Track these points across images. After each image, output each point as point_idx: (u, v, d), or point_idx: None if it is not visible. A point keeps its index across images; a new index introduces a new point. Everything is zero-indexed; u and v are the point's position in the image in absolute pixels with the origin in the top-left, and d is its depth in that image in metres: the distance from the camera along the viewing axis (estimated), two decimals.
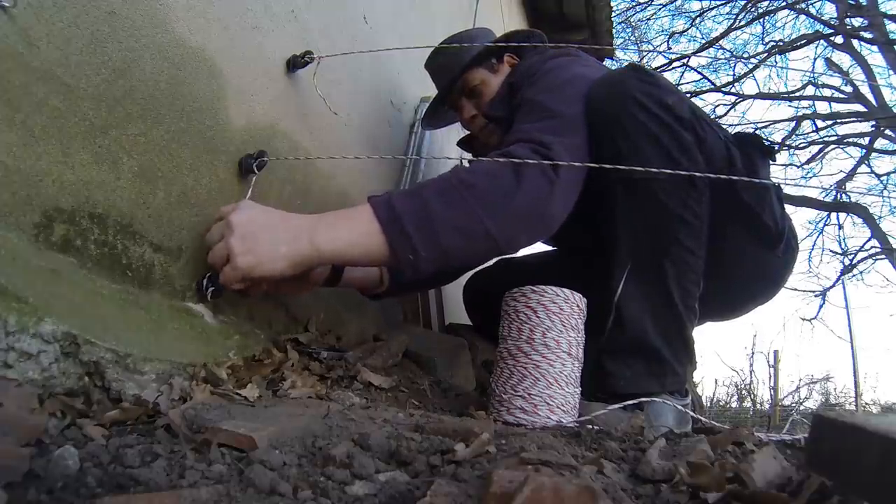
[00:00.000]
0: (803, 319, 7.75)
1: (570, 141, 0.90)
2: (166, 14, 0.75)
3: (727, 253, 1.01)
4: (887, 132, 6.82)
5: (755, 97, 7.79)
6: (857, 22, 6.92)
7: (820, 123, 7.47)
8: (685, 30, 7.99)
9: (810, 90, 7.51)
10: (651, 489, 0.48)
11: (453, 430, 0.59)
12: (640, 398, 0.89)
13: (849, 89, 7.24)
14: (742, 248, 1.04)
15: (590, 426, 0.80)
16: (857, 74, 7.15)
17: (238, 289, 0.80)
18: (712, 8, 7.65)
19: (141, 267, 0.74)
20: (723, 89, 7.75)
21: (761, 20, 7.41)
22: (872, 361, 13.95)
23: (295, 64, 1.02)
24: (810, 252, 7.55)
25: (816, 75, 7.34)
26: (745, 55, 7.56)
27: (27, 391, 0.49)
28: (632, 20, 8.11)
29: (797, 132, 7.51)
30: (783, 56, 7.31)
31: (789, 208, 1.24)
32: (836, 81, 7.37)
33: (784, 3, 7.17)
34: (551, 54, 1.12)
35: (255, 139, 0.94)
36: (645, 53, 8.11)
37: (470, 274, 1.49)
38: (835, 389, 7.97)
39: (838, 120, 7.37)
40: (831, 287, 7.55)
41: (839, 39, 7.21)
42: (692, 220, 0.93)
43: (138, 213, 0.73)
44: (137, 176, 0.73)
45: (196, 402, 0.61)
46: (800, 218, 8.41)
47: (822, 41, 7.23)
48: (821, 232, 7.72)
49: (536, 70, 1.07)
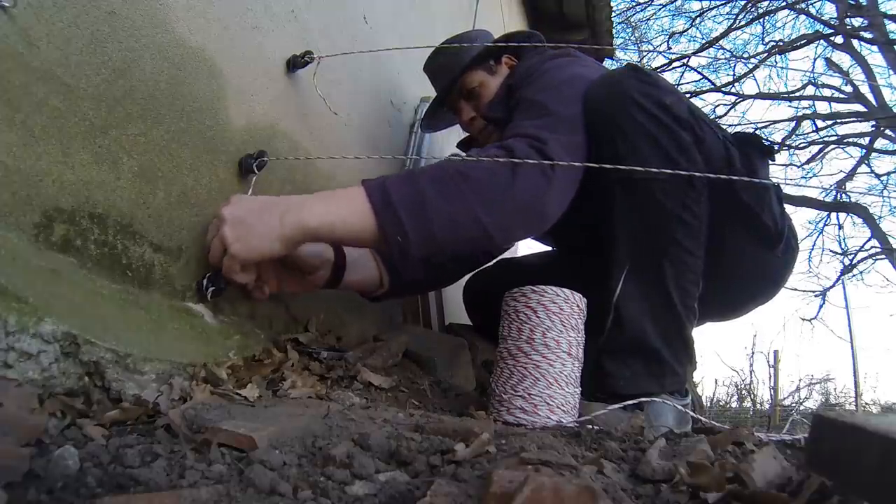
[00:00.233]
0: (803, 319, 7.74)
1: (567, 139, 0.90)
2: (166, 14, 0.75)
3: (727, 253, 1.01)
4: (887, 132, 6.82)
5: (755, 97, 7.79)
6: (857, 22, 6.92)
7: (820, 123, 7.47)
8: (685, 30, 7.99)
9: (810, 90, 7.52)
10: (651, 489, 0.48)
11: (453, 430, 0.59)
12: (640, 398, 0.89)
13: (849, 89, 7.24)
14: (741, 248, 1.04)
15: (590, 426, 0.80)
16: (857, 74, 7.16)
17: (243, 282, 0.81)
18: (712, 8, 7.65)
19: (141, 267, 0.74)
20: (723, 89, 7.75)
21: (761, 20, 7.41)
22: (872, 361, 13.93)
23: (295, 64, 1.03)
24: (810, 252, 7.55)
25: (816, 75, 7.34)
26: (745, 55, 7.56)
27: (27, 391, 0.49)
28: (632, 20, 8.12)
29: (797, 132, 7.51)
30: (783, 56, 7.31)
31: (789, 208, 1.24)
32: (836, 81, 7.38)
33: (784, 3, 7.17)
34: (550, 55, 1.12)
35: (255, 139, 0.94)
36: (645, 53, 8.12)
37: (470, 274, 1.49)
38: (835, 389, 7.96)
39: (838, 120, 7.37)
40: (831, 287, 7.55)
41: (839, 39, 7.20)
42: (691, 221, 0.93)
43: (138, 213, 0.73)
44: (137, 176, 0.73)
45: (196, 402, 0.61)
46: (800, 218, 8.40)
47: (822, 41, 7.23)
48: (821, 232, 7.73)
49: (535, 71, 1.07)
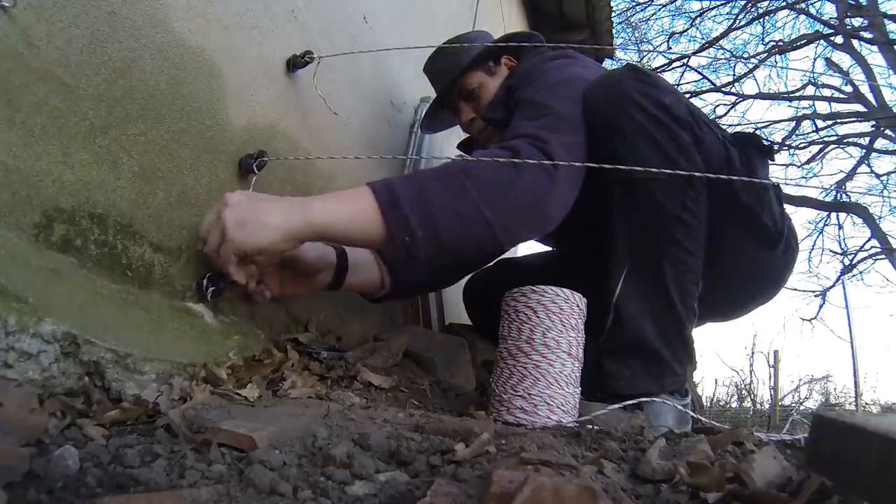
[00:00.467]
0: (803, 319, 7.73)
1: (569, 139, 0.90)
2: (166, 14, 0.75)
3: (726, 253, 1.01)
4: (887, 132, 6.82)
5: (755, 97, 7.78)
6: (857, 22, 6.92)
7: (820, 123, 7.47)
8: (685, 30, 7.98)
9: (810, 90, 7.51)
10: (651, 489, 0.48)
11: (453, 430, 0.59)
12: (640, 398, 0.89)
13: (849, 89, 7.24)
14: (741, 248, 1.04)
15: (590, 426, 0.80)
16: (857, 74, 7.16)
17: (238, 278, 0.80)
18: (712, 8, 7.64)
19: (141, 267, 0.74)
20: (723, 89, 7.74)
21: (761, 20, 7.41)
22: (872, 361, 13.89)
23: (295, 64, 1.03)
24: (810, 252, 7.54)
25: (816, 75, 7.34)
26: (745, 55, 7.56)
27: (27, 391, 0.49)
28: (632, 20, 8.11)
29: (797, 132, 7.50)
30: (783, 56, 7.30)
31: (789, 208, 1.24)
32: (836, 81, 7.37)
33: (784, 3, 7.16)
34: (549, 56, 1.12)
35: (255, 139, 0.94)
36: (645, 53, 8.10)
37: (470, 274, 1.49)
38: (835, 389, 7.95)
39: (838, 120, 7.37)
40: (831, 287, 7.54)
41: (839, 39, 7.20)
42: (690, 221, 0.93)
43: (138, 213, 0.73)
44: (137, 176, 0.73)
45: (196, 402, 0.61)
46: (800, 218, 8.40)
47: (822, 41, 7.22)
48: (821, 232, 7.72)
49: (534, 72, 1.07)
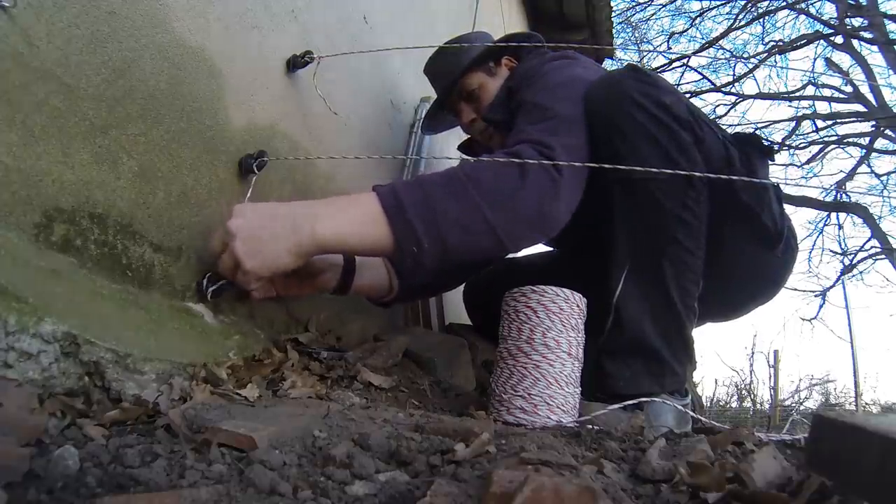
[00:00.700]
0: (803, 319, 7.74)
1: (571, 141, 0.90)
2: (166, 14, 0.75)
3: (726, 253, 1.01)
4: (887, 132, 6.82)
5: (755, 97, 7.78)
6: (857, 22, 6.92)
7: (820, 123, 7.47)
8: (685, 30, 7.99)
9: (810, 90, 7.51)
10: (651, 489, 0.48)
11: (453, 430, 0.59)
12: (640, 398, 0.89)
13: (849, 89, 7.24)
14: (741, 248, 1.04)
15: (590, 426, 0.80)
16: (857, 74, 7.16)
17: (256, 289, 0.84)
18: (712, 8, 7.65)
19: (141, 267, 0.74)
20: (723, 89, 7.74)
21: (761, 20, 7.41)
22: (872, 361, 13.90)
23: (295, 64, 1.03)
24: (810, 252, 7.55)
25: (816, 75, 7.34)
26: (745, 55, 7.56)
27: (27, 391, 0.49)
28: (632, 20, 8.12)
29: (797, 132, 7.51)
30: (783, 56, 7.30)
31: (789, 208, 1.24)
32: (836, 81, 7.37)
33: (784, 3, 7.16)
34: (550, 57, 1.12)
35: (255, 139, 0.94)
36: (645, 53, 8.11)
37: None
38: (835, 389, 7.96)
39: (838, 120, 7.37)
40: (831, 287, 7.55)
41: (839, 39, 7.20)
42: (690, 220, 0.93)
43: (138, 213, 0.73)
44: (137, 176, 0.73)
45: (196, 402, 0.61)
46: (800, 218, 8.41)
47: (822, 41, 7.22)
48: (821, 232, 7.72)
49: (535, 73, 1.07)
